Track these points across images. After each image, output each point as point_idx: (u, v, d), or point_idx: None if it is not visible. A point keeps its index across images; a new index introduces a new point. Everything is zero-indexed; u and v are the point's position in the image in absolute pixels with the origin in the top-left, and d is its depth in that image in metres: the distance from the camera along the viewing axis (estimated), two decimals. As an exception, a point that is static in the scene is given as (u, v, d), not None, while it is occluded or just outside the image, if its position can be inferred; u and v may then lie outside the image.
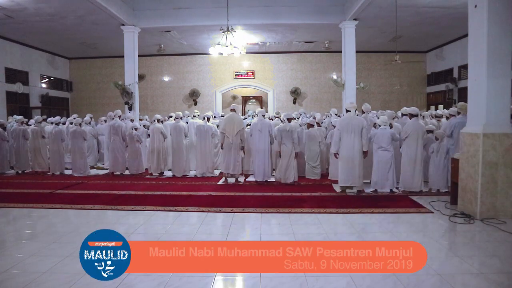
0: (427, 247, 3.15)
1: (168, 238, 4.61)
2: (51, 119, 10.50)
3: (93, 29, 12.60)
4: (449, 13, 10.79)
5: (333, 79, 13.59)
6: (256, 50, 16.29)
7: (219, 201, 6.47)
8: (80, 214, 5.82)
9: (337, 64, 15.75)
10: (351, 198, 6.66)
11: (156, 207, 6.08)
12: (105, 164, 10.42)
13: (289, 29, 13.17)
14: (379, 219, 5.37)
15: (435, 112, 10.03)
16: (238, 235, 4.78)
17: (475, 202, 5.33)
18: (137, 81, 12.34)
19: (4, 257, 3.99)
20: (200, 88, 17.27)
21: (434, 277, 3.43)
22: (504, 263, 3.82)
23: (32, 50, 14.81)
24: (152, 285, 3.33)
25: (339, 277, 3.37)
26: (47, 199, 6.79)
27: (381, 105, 15.81)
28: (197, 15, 11.84)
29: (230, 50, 11.17)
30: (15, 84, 13.75)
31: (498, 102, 5.27)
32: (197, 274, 3.39)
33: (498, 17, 5.19)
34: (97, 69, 17.50)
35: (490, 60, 5.21)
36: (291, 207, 5.97)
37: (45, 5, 10.17)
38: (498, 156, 5.24)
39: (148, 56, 16.77)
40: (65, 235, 4.71)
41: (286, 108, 16.30)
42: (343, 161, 6.84)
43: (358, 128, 6.78)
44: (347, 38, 11.83)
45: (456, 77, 14.30)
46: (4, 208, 6.18)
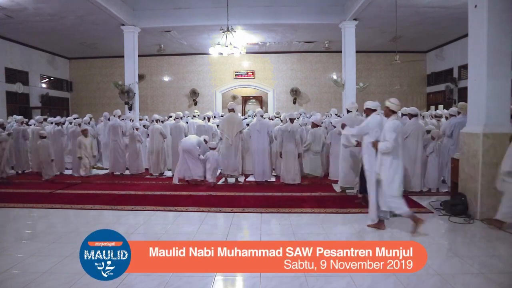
0: (427, 247, 3.15)
1: (168, 238, 4.61)
2: (51, 119, 10.50)
3: (93, 29, 12.60)
4: (449, 13, 10.79)
5: (333, 79, 13.60)
6: (256, 50, 16.30)
7: (219, 201, 6.47)
8: (80, 214, 5.82)
9: (337, 64, 15.74)
10: (351, 198, 6.65)
11: (156, 207, 6.08)
12: (105, 164, 10.41)
13: (289, 29, 13.17)
14: (379, 219, 5.36)
15: (434, 112, 10.03)
16: (238, 235, 4.78)
17: (475, 202, 5.33)
18: (137, 81, 12.35)
19: (4, 257, 4.00)
20: (200, 88, 17.27)
21: (434, 277, 3.43)
22: (504, 263, 3.82)
23: (32, 50, 14.81)
24: (152, 285, 3.33)
25: (339, 277, 3.37)
26: (47, 199, 6.79)
27: (381, 105, 15.79)
28: (197, 15, 11.84)
29: (230, 50, 11.17)
30: (15, 84, 13.75)
31: (498, 102, 5.26)
32: (197, 274, 3.39)
33: (498, 17, 5.19)
34: (97, 69, 17.50)
35: (490, 60, 5.21)
36: (291, 207, 5.97)
37: (45, 5, 10.17)
38: (498, 156, 5.23)
39: (148, 56, 16.76)
40: (65, 235, 4.71)
41: (286, 108, 16.29)
42: (343, 161, 6.83)
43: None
44: (347, 38, 11.83)
45: (456, 77, 14.30)
46: (4, 208, 6.18)
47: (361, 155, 6.78)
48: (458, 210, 5.41)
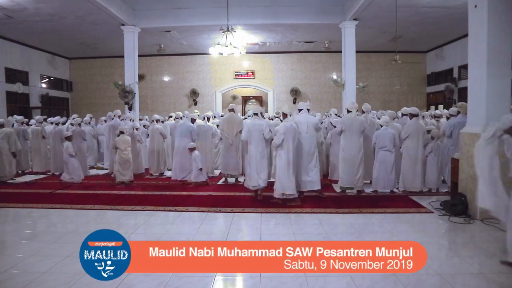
0: (427, 247, 3.15)
1: (168, 238, 4.61)
2: (51, 119, 10.49)
3: (93, 29, 12.59)
4: (449, 13, 10.79)
5: (333, 79, 13.59)
6: (256, 50, 16.29)
7: (219, 201, 6.47)
8: (80, 214, 5.82)
9: (337, 64, 15.74)
10: (351, 198, 6.66)
11: (156, 207, 6.08)
12: (105, 164, 10.41)
13: (289, 29, 13.16)
14: (379, 219, 5.37)
15: (434, 112, 10.03)
16: (238, 235, 4.78)
17: (475, 202, 5.32)
18: (137, 81, 12.34)
19: (4, 257, 4.00)
20: (200, 88, 17.26)
21: (434, 277, 3.43)
22: (504, 263, 3.81)
23: (32, 50, 14.81)
24: (152, 285, 3.34)
25: (339, 277, 3.37)
26: (47, 199, 6.79)
27: (381, 105, 15.81)
28: (197, 15, 11.83)
29: (230, 50, 11.17)
30: (15, 84, 13.75)
31: (498, 102, 5.26)
32: (197, 274, 3.39)
33: (498, 17, 5.19)
34: (97, 69, 17.49)
35: (490, 60, 5.21)
36: (291, 207, 5.97)
37: (45, 5, 10.17)
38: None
39: (148, 56, 16.76)
40: (65, 235, 4.72)
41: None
42: (343, 161, 6.84)
43: (359, 128, 6.79)
44: (347, 38, 11.83)
45: (456, 77, 14.29)
46: (4, 208, 6.18)
47: (361, 155, 6.81)
48: (458, 210, 5.42)
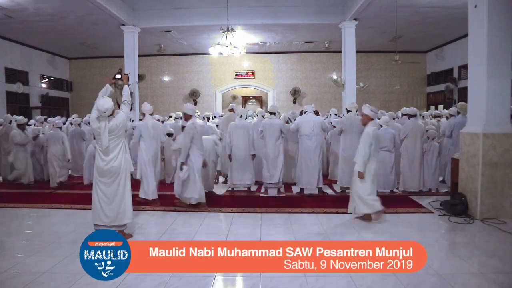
0: (427, 247, 3.14)
1: (168, 238, 4.62)
2: (51, 119, 10.48)
3: (93, 29, 12.59)
4: (449, 13, 10.79)
5: (333, 79, 13.59)
6: (256, 50, 16.29)
7: (219, 202, 6.46)
8: (80, 214, 5.82)
9: (337, 64, 15.73)
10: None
11: (156, 207, 6.07)
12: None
13: (289, 29, 13.16)
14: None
15: (434, 112, 10.02)
16: (238, 235, 4.77)
17: (475, 202, 5.33)
18: (137, 81, 12.34)
19: (4, 257, 3.99)
20: (200, 88, 17.26)
21: (434, 277, 3.43)
22: (504, 263, 3.82)
23: (32, 50, 14.80)
24: (152, 285, 3.34)
25: (339, 277, 3.37)
26: (47, 199, 6.79)
27: (381, 105, 15.79)
28: (197, 15, 11.83)
29: (230, 50, 11.17)
30: (15, 84, 13.74)
31: (498, 102, 5.27)
32: (197, 274, 3.38)
33: (498, 17, 5.19)
34: (97, 69, 17.46)
35: (490, 60, 5.21)
36: (291, 207, 5.97)
37: (45, 5, 10.17)
38: (498, 156, 5.24)
39: (148, 56, 16.74)
40: (65, 235, 4.71)
41: (286, 108, 16.27)
42: (343, 161, 6.83)
43: (359, 128, 6.77)
44: (347, 38, 11.83)
45: (456, 77, 14.29)
46: (4, 208, 6.17)
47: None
48: (458, 210, 5.41)
